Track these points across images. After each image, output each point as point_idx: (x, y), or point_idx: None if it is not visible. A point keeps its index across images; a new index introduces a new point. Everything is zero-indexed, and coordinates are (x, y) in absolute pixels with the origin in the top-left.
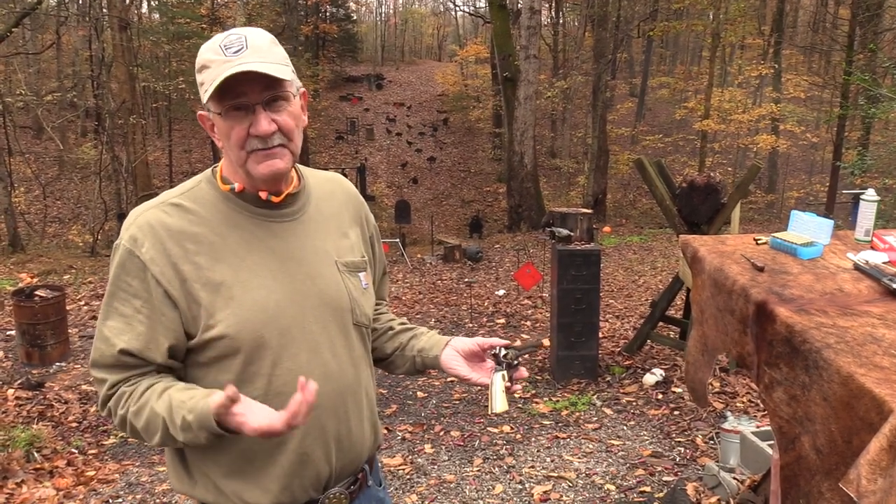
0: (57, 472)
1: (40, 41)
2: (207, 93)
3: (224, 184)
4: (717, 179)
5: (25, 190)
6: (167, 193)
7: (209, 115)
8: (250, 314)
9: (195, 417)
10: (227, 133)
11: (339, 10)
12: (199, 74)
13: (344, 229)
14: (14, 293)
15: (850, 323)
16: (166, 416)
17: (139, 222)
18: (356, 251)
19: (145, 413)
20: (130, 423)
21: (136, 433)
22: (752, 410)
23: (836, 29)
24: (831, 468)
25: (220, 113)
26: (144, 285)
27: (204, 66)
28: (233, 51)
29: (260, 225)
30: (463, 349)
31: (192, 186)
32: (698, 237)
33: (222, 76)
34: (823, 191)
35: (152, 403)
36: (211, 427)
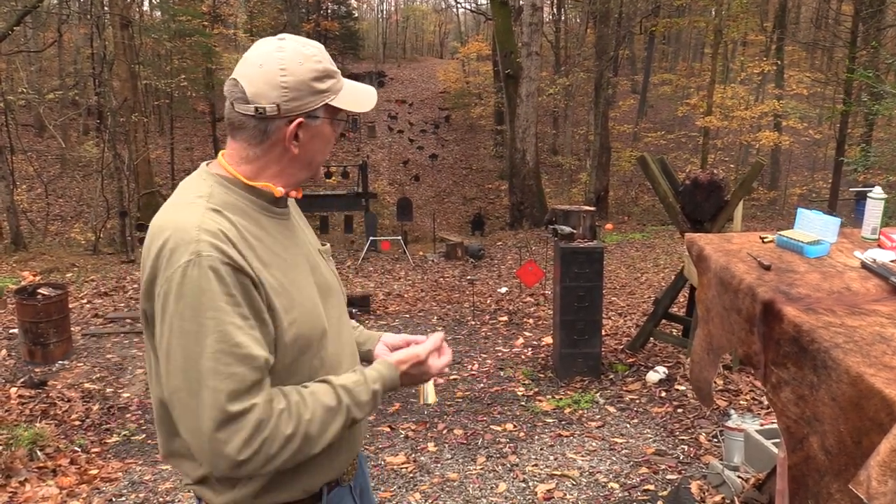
0: (60, 471)
1: (42, 39)
2: (340, 100)
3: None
4: (720, 176)
5: (28, 188)
6: (196, 201)
7: (308, 122)
8: (307, 310)
9: (382, 386)
10: (331, 138)
11: (340, 7)
12: (320, 82)
13: (300, 215)
14: (17, 291)
15: (859, 322)
16: (348, 402)
17: (209, 231)
18: (315, 238)
19: (317, 415)
20: (305, 433)
21: (307, 442)
22: (756, 408)
23: (839, 25)
24: (840, 469)
25: (333, 119)
26: (246, 291)
27: (328, 76)
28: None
29: (277, 224)
30: (392, 344)
31: (209, 192)
32: (704, 235)
33: (370, 91)
34: (826, 188)
35: (313, 405)
36: (395, 386)
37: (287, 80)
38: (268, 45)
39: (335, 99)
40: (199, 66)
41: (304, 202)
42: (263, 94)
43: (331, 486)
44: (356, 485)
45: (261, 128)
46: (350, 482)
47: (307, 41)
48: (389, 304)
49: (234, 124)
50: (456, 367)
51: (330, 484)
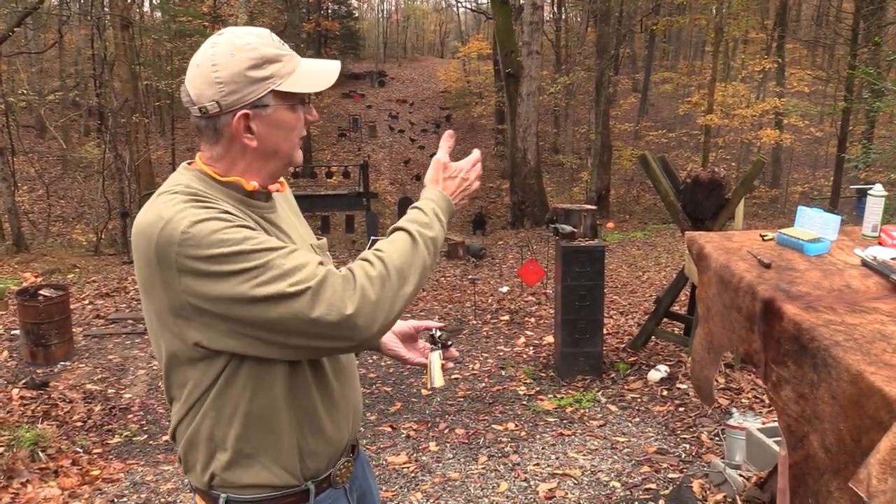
0: (62, 472)
1: (43, 40)
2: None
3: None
4: (721, 175)
5: (29, 189)
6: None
7: (256, 112)
8: None
9: (436, 207)
10: (293, 125)
11: (340, 7)
12: (259, 70)
13: (296, 212)
14: (18, 292)
15: (859, 320)
16: (415, 230)
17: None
18: (312, 233)
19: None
20: (393, 267)
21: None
22: (758, 407)
23: (840, 22)
24: (840, 467)
25: (290, 104)
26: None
27: (268, 61)
28: (289, 45)
29: (263, 217)
30: (399, 331)
31: (187, 182)
32: (704, 234)
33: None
34: (827, 185)
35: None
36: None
37: (220, 74)
38: (205, 44)
39: (283, 83)
40: None
41: (306, 202)
42: (203, 94)
43: (320, 485)
44: (353, 487)
45: (211, 127)
46: (345, 484)
47: (246, 30)
48: None
49: (195, 128)
50: (457, 367)
51: (320, 483)
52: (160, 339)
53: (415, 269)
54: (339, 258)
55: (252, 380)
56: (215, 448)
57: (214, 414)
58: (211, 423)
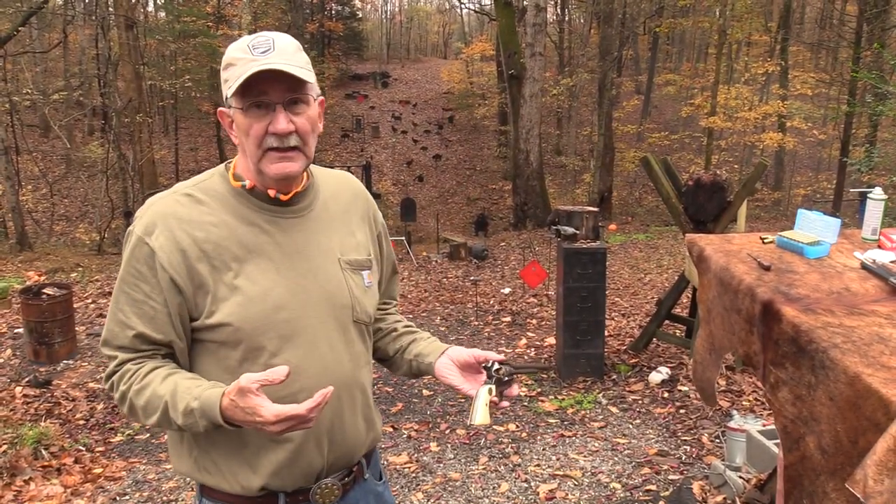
0: (64, 470)
1: (47, 40)
2: (231, 88)
3: (236, 180)
4: (724, 177)
5: (33, 188)
6: (181, 184)
7: (229, 112)
8: (253, 305)
9: (200, 405)
10: (246, 129)
11: (344, 7)
12: (223, 72)
13: (351, 228)
14: (22, 291)
15: (857, 322)
16: (169, 399)
17: (152, 211)
18: (362, 250)
19: (146, 393)
20: (131, 400)
21: (133, 411)
22: (759, 409)
23: (844, 25)
24: (836, 468)
25: (241, 108)
26: (153, 271)
27: (230, 64)
28: (260, 51)
29: (268, 220)
30: (458, 359)
31: (205, 179)
32: (704, 236)
33: (249, 72)
34: (830, 188)
35: (155, 385)
36: (214, 417)
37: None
38: None
39: (232, 86)
40: (204, 66)
41: None
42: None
43: (295, 499)
44: None
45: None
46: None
47: (259, 34)
48: None
49: None
50: None
51: (294, 496)
52: None
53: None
54: None
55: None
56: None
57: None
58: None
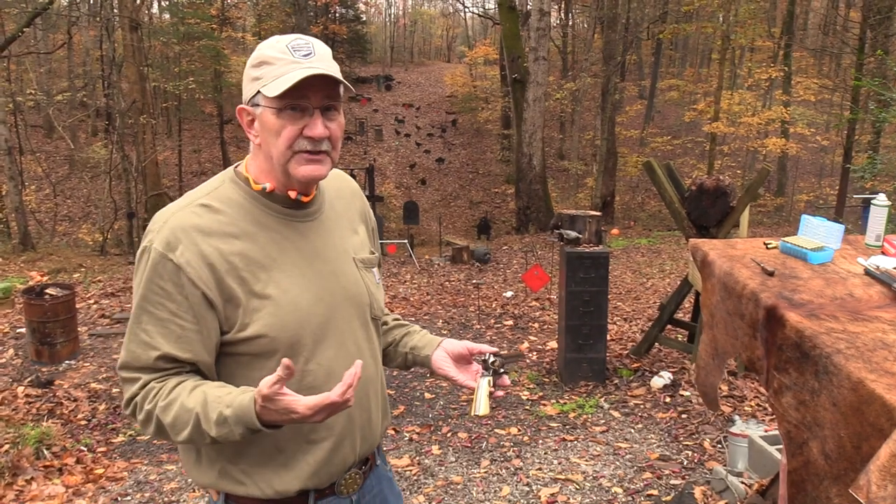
0: (66, 470)
1: (52, 41)
2: (269, 87)
3: (256, 184)
4: (727, 182)
5: (36, 188)
6: (192, 194)
7: (253, 110)
8: (287, 314)
9: (233, 412)
10: (276, 130)
11: (348, 10)
12: (255, 69)
13: (354, 226)
14: (24, 291)
15: (861, 328)
16: (200, 410)
17: (171, 225)
18: (366, 247)
19: (174, 408)
20: (157, 418)
21: (161, 429)
22: (761, 414)
23: (847, 32)
24: (840, 474)
25: (275, 109)
26: (179, 288)
27: (265, 62)
28: (302, 53)
29: (287, 224)
30: (453, 351)
31: (217, 186)
32: (708, 241)
33: (300, 74)
34: (833, 194)
35: (183, 399)
36: (251, 422)
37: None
38: None
39: (267, 86)
40: (208, 68)
41: None
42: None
43: (322, 493)
44: (364, 500)
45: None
46: (351, 495)
47: (283, 35)
48: (395, 307)
49: None
50: None
51: (322, 491)
52: None
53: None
54: None
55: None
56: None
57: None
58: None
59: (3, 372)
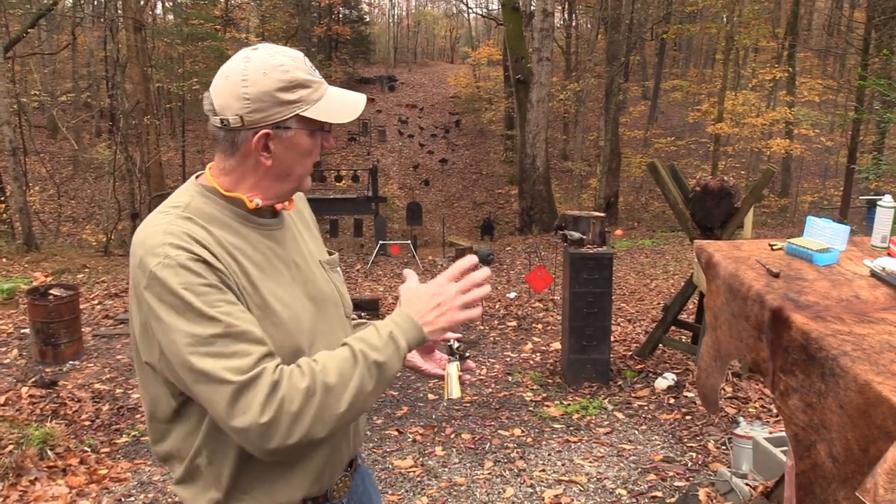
0: (70, 470)
1: (56, 42)
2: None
3: (251, 201)
4: (731, 183)
5: (40, 189)
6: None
7: (279, 133)
8: (288, 325)
9: (396, 325)
10: (310, 150)
11: (351, 11)
12: (288, 92)
13: (309, 229)
14: (29, 292)
15: (867, 330)
16: (359, 346)
17: (172, 234)
18: (323, 249)
19: (331, 366)
20: (322, 382)
21: (325, 401)
22: (765, 416)
23: (851, 32)
24: (847, 476)
25: (310, 130)
26: (221, 281)
27: (302, 85)
28: (316, 72)
29: (264, 235)
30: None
31: (188, 202)
32: (713, 242)
33: (359, 102)
34: (837, 195)
35: (334, 355)
36: (416, 330)
37: (249, 91)
38: (238, 55)
39: (309, 109)
40: (211, 69)
41: (315, 205)
42: (228, 106)
43: (317, 500)
44: (352, 501)
45: (229, 139)
46: (342, 498)
47: (281, 50)
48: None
49: (212, 136)
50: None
51: (316, 499)
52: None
53: (349, 391)
54: (347, 262)
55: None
56: (209, 486)
57: (208, 452)
58: (205, 462)
59: (7, 372)
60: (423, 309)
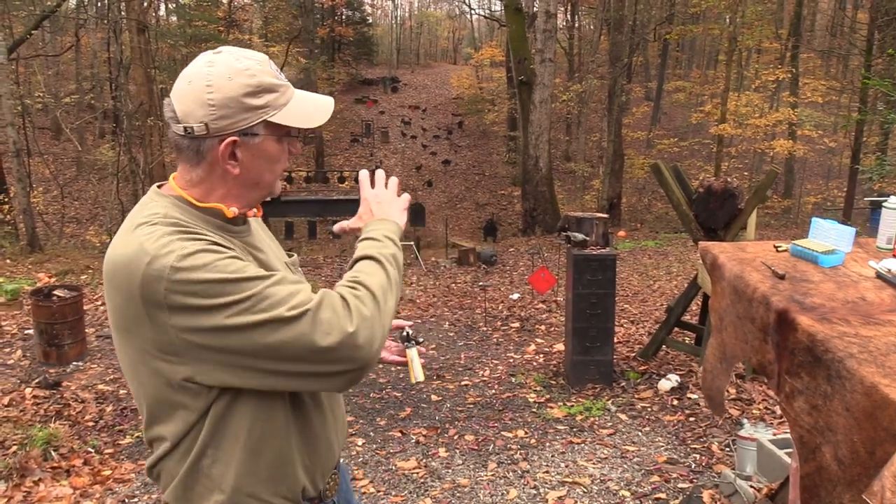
0: (73, 471)
1: (59, 43)
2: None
3: (229, 210)
4: (735, 185)
5: (44, 190)
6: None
7: (246, 140)
8: None
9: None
10: (278, 156)
11: (354, 13)
12: (255, 98)
13: (267, 231)
14: (32, 293)
15: (874, 332)
16: (374, 252)
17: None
18: (283, 250)
19: (366, 270)
20: (368, 288)
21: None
22: (769, 418)
23: (855, 33)
24: (853, 479)
25: (278, 136)
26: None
27: (268, 89)
28: (283, 75)
29: (240, 240)
30: None
31: (164, 211)
32: (718, 244)
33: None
34: (841, 196)
35: (356, 269)
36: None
37: (214, 96)
38: (200, 59)
39: (277, 115)
40: None
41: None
42: (191, 113)
43: (313, 501)
44: (340, 500)
45: (193, 148)
46: (333, 497)
47: (245, 53)
48: (401, 309)
49: (174, 146)
50: (467, 373)
51: (313, 500)
52: (142, 378)
53: (391, 284)
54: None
55: (253, 410)
56: (213, 488)
57: (213, 451)
58: (209, 462)
59: (11, 373)
60: (381, 211)
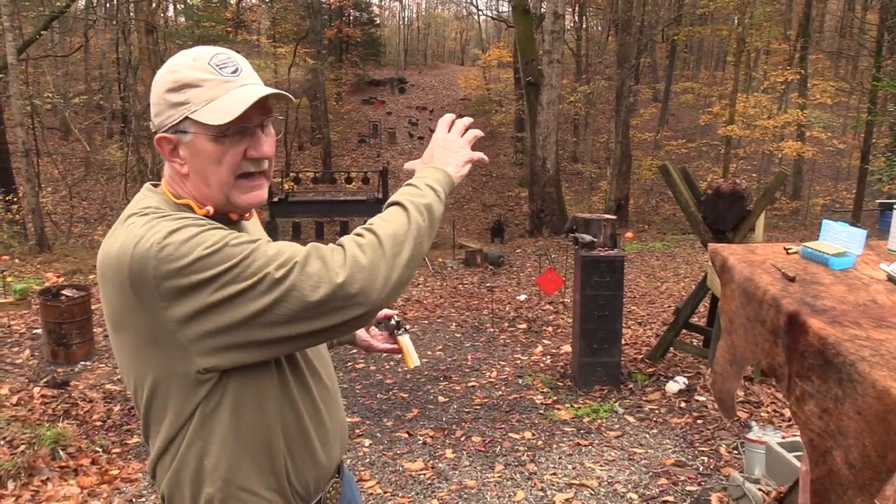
0: (81, 471)
1: (68, 44)
2: (202, 113)
3: (200, 207)
4: (743, 186)
5: (52, 190)
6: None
7: (177, 137)
8: None
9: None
10: (218, 157)
11: (362, 14)
12: (174, 94)
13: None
14: (41, 292)
15: (885, 335)
16: (405, 199)
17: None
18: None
19: (388, 217)
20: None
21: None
22: (778, 421)
23: (864, 34)
24: (864, 483)
25: (213, 135)
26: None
27: (187, 85)
28: (230, 71)
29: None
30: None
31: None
32: (728, 246)
33: (244, 96)
34: (850, 198)
35: (382, 215)
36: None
37: (153, 94)
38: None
39: (197, 112)
40: None
41: (325, 207)
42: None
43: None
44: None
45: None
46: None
47: (192, 51)
48: (408, 310)
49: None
50: (474, 374)
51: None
52: (138, 372)
53: (410, 235)
54: None
55: (240, 400)
56: (203, 481)
57: (202, 443)
58: (198, 454)
59: (19, 372)
60: (441, 157)
